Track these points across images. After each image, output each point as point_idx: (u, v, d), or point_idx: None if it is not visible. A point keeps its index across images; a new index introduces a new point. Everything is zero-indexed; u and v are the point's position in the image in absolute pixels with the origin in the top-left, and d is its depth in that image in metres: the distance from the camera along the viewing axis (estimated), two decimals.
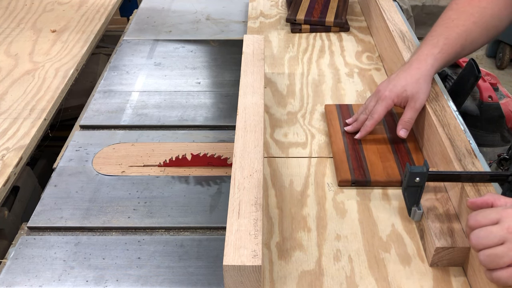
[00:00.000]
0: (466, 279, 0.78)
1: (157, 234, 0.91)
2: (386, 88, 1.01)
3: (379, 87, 1.04)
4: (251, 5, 1.66)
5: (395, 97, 0.99)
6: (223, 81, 1.34)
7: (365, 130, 1.02)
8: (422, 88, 0.99)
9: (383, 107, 1.00)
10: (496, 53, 3.39)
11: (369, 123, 1.02)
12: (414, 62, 1.01)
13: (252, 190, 0.77)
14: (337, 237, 0.85)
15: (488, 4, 1.02)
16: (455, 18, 1.03)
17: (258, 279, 0.68)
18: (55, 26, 1.56)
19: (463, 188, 0.81)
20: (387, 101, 1.00)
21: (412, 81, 0.99)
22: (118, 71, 1.38)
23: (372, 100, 1.04)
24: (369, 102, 1.04)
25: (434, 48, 1.01)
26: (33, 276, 0.83)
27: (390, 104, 1.00)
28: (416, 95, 0.98)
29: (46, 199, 0.97)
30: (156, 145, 1.11)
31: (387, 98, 1.00)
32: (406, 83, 0.99)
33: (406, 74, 1.00)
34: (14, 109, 1.19)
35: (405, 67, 1.02)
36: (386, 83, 1.03)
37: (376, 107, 1.01)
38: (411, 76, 0.99)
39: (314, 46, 1.43)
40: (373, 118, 1.01)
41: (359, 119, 1.05)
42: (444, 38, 1.01)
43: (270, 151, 1.05)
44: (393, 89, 1.00)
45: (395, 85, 1.00)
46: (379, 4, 1.38)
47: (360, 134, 1.03)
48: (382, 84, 1.03)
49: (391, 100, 1.00)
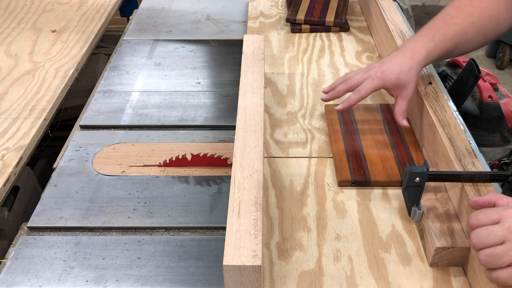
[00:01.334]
0: (466, 279, 0.78)
1: (157, 234, 0.91)
2: (379, 69, 1.00)
3: (370, 66, 1.03)
4: (251, 5, 1.66)
5: (386, 81, 0.99)
6: (223, 81, 1.34)
7: (348, 103, 1.01)
8: (413, 77, 0.99)
9: (372, 85, 0.99)
10: (496, 53, 3.39)
11: (354, 97, 1.00)
12: (409, 51, 1.01)
13: (252, 190, 0.77)
14: (337, 237, 0.85)
15: (488, 5, 1.02)
16: (454, 16, 1.03)
17: (258, 279, 0.68)
18: (55, 26, 1.56)
19: (463, 188, 0.81)
20: (378, 82, 0.99)
21: (405, 69, 0.99)
22: (118, 71, 1.38)
23: (359, 74, 1.02)
24: (354, 75, 1.03)
25: (429, 42, 1.01)
26: (33, 276, 0.83)
27: (380, 85, 1.00)
28: (408, 84, 0.99)
29: (46, 199, 0.97)
30: (156, 145, 1.11)
31: (379, 79, 0.99)
32: (400, 70, 0.99)
33: (399, 61, 1.00)
34: (14, 109, 1.19)
35: (399, 53, 1.02)
36: (378, 64, 1.02)
37: (366, 83, 1.00)
38: (404, 63, 0.99)
39: (314, 46, 1.43)
40: (359, 93, 1.00)
41: (337, 89, 1.04)
42: (441, 34, 1.01)
43: (270, 151, 1.05)
44: (386, 72, 0.99)
45: (388, 69, 0.99)
46: (379, 4, 1.38)
47: (342, 105, 1.02)
48: (373, 64, 1.03)
49: (382, 82, 0.99)
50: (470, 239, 0.69)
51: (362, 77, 1.01)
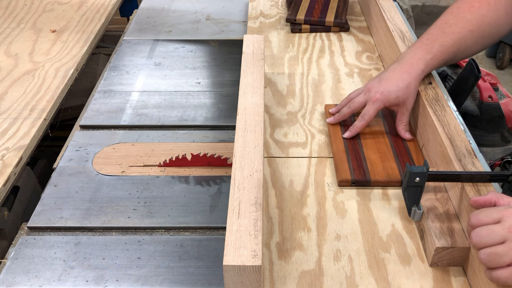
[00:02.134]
0: (466, 279, 0.78)
1: (157, 234, 0.91)
2: (378, 89, 1.02)
3: (369, 85, 1.05)
4: (251, 5, 1.66)
5: (386, 102, 1.02)
6: (223, 81, 1.34)
7: (355, 130, 1.04)
8: (412, 93, 1.02)
9: (374, 109, 1.02)
10: (496, 53, 3.39)
11: (359, 124, 1.03)
12: (406, 65, 1.03)
13: (252, 190, 0.77)
14: (337, 237, 0.85)
15: (488, 12, 1.02)
16: (452, 24, 1.03)
17: (258, 279, 0.68)
18: (55, 26, 1.56)
19: (463, 188, 0.81)
20: (379, 104, 1.02)
21: (403, 86, 1.01)
22: (118, 71, 1.38)
23: (360, 97, 1.05)
24: (356, 97, 1.06)
25: (427, 54, 1.02)
26: (33, 276, 0.83)
27: (381, 107, 1.03)
28: (406, 100, 1.02)
29: (46, 199, 0.97)
30: (156, 145, 1.11)
31: (379, 101, 1.02)
32: (398, 89, 1.01)
33: (397, 77, 1.02)
34: (14, 109, 1.19)
35: (397, 67, 1.04)
36: (377, 83, 1.04)
37: (368, 109, 1.03)
38: (402, 80, 1.01)
39: (314, 46, 1.43)
40: (364, 119, 1.03)
41: (341, 112, 1.07)
42: (438, 45, 1.02)
43: (270, 151, 1.05)
44: (384, 92, 1.01)
45: (386, 89, 1.02)
46: (379, 4, 1.38)
47: (349, 133, 1.04)
48: (372, 84, 1.05)
49: (383, 104, 1.02)
50: (470, 238, 0.69)
51: (363, 99, 1.04)
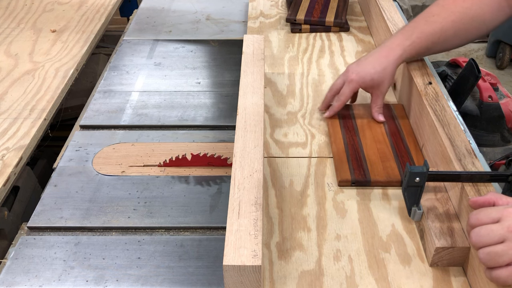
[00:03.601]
0: (466, 279, 0.78)
1: (157, 234, 0.91)
2: (354, 70, 1.07)
3: (348, 67, 1.09)
4: (251, 5, 1.66)
5: (361, 82, 1.06)
6: (223, 81, 1.34)
7: (333, 110, 1.09)
8: (387, 77, 1.05)
9: (350, 89, 1.07)
10: (496, 53, 3.39)
11: (337, 104, 1.09)
12: (384, 50, 1.06)
13: (252, 190, 0.77)
14: (337, 237, 0.85)
15: (472, 5, 1.03)
16: (435, 14, 1.05)
17: (258, 279, 0.68)
18: (55, 26, 1.56)
19: (463, 188, 0.81)
20: (354, 84, 1.06)
21: (379, 69, 1.04)
22: (118, 71, 1.38)
23: (339, 79, 1.10)
24: (336, 80, 1.10)
25: (406, 40, 1.05)
26: (33, 276, 0.83)
27: (356, 87, 1.07)
28: (382, 83, 1.06)
29: (46, 199, 0.97)
30: (156, 145, 1.11)
31: (354, 82, 1.06)
32: (374, 71, 1.05)
33: (374, 61, 1.06)
34: (14, 109, 1.19)
35: (376, 52, 1.08)
36: (355, 65, 1.08)
37: (344, 89, 1.07)
38: (379, 63, 1.05)
39: (314, 46, 1.43)
40: (340, 100, 1.08)
41: (326, 99, 1.13)
42: (418, 32, 1.04)
43: (270, 151, 1.05)
44: (361, 73, 1.06)
45: (363, 70, 1.06)
46: (379, 4, 1.38)
47: (328, 113, 1.10)
48: (351, 66, 1.09)
49: (358, 84, 1.07)
50: (470, 238, 0.69)
51: (342, 80, 1.09)
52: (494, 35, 3.33)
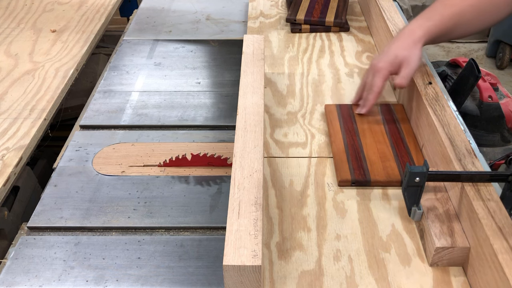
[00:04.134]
0: (466, 279, 0.78)
1: (157, 234, 0.91)
2: (379, 59, 1.05)
3: (372, 61, 1.08)
4: (251, 5, 1.66)
5: (389, 66, 1.03)
6: (223, 81, 1.34)
7: (369, 103, 1.07)
8: (412, 52, 1.02)
9: (380, 78, 1.04)
10: (496, 53, 3.39)
11: (370, 96, 1.06)
12: (406, 31, 1.05)
13: (252, 190, 0.77)
14: (337, 237, 0.85)
15: None
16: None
17: (258, 279, 0.68)
18: (55, 26, 1.56)
19: (463, 188, 0.81)
20: (383, 72, 1.04)
21: (403, 47, 1.03)
22: (118, 71, 1.38)
23: (369, 75, 1.08)
24: (366, 77, 1.09)
25: (427, 21, 1.04)
26: (33, 276, 0.83)
27: (386, 74, 1.04)
28: (408, 58, 1.02)
29: (46, 199, 0.97)
30: (156, 145, 1.11)
31: (382, 69, 1.04)
32: (396, 50, 1.03)
33: (396, 42, 1.04)
34: (14, 109, 1.19)
35: (396, 37, 1.07)
36: (378, 56, 1.07)
37: (374, 80, 1.05)
38: (401, 42, 1.03)
39: (314, 46, 1.43)
40: (373, 91, 1.05)
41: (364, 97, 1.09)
42: (438, 15, 1.04)
43: (270, 151, 1.05)
44: (384, 58, 1.04)
45: (387, 55, 1.04)
46: (379, 4, 1.38)
47: (365, 108, 1.08)
48: (375, 58, 1.08)
49: (387, 70, 1.04)
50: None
51: (371, 75, 1.06)
52: (494, 35, 3.33)
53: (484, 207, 0.76)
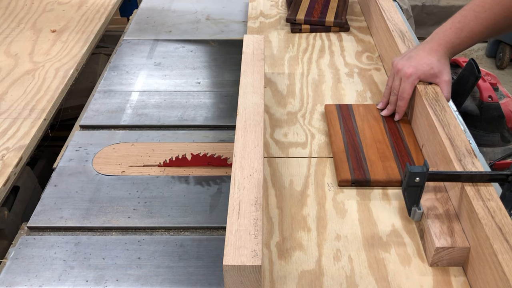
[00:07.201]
0: (466, 279, 0.78)
1: (157, 234, 0.91)
2: (409, 65, 1.04)
3: (397, 65, 1.06)
4: (251, 5, 1.66)
5: (421, 74, 1.03)
6: (223, 81, 1.34)
7: (401, 110, 1.07)
8: (443, 65, 1.04)
9: (410, 84, 1.04)
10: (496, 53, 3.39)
11: (401, 103, 1.06)
12: (434, 44, 1.04)
13: (252, 190, 0.77)
14: (337, 237, 0.85)
15: None
16: (488, 9, 1.02)
17: (258, 279, 0.68)
18: (55, 26, 1.56)
19: (463, 188, 0.81)
20: (413, 78, 1.04)
21: (435, 60, 1.03)
22: (118, 71, 1.38)
23: (395, 79, 1.07)
24: (393, 82, 1.08)
25: (456, 39, 1.03)
26: (33, 276, 0.83)
27: (416, 81, 1.04)
28: (443, 71, 1.04)
29: (46, 199, 0.97)
30: (156, 145, 1.11)
31: (413, 75, 1.04)
32: (430, 62, 1.03)
33: (426, 54, 1.04)
34: (14, 109, 1.19)
35: (425, 46, 1.05)
36: (405, 61, 1.06)
37: (404, 86, 1.05)
38: (432, 55, 1.03)
39: (314, 46, 1.43)
40: (404, 98, 1.05)
41: (391, 101, 1.09)
42: (468, 31, 1.02)
43: (270, 151, 1.05)
44: (417, 66, 1.03)
45: (418, 63, 1.03)
46: (379, 4, 1.38)
47: (398, 115, 1.08)
48: (401, 62, 1.06)
49: (417, 77, 1.04)
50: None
51: (398, 80, 1.06)
52: None
53: (484, 207, 0.76)
